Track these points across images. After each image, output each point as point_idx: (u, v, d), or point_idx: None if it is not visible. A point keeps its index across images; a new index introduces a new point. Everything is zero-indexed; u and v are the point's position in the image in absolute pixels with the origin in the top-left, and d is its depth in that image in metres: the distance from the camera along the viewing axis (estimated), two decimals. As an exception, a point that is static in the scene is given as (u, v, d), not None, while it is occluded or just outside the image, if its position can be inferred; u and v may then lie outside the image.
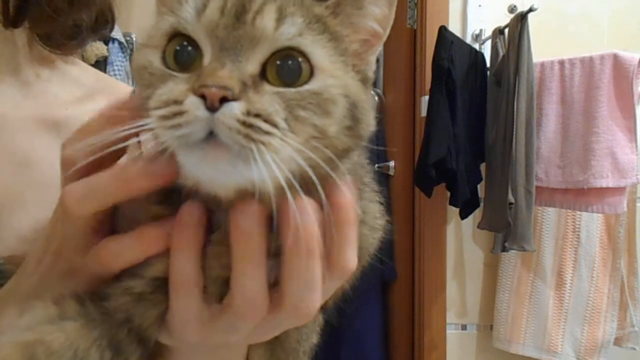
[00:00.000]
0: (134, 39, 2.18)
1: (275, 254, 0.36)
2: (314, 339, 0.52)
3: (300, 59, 0.36)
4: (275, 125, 0.33)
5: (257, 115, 0.32)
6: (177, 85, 0.34)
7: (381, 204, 0.47)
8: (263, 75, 0.35)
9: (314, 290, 0.36)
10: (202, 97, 0.32)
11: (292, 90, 0.35)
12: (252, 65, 0.35)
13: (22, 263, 0.45)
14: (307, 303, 0.36)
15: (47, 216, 0.43)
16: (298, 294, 0.36)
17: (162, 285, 0.38)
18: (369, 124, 0.39)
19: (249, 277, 0.36)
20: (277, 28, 0.35)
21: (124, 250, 0.38)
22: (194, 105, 0.32)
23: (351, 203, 0.36)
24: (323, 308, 0.48)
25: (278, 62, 0.35)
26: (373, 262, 0.47)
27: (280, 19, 0.35)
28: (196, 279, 0.37)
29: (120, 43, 2.13)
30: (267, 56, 0.35)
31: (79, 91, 0.67)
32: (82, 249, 0.39)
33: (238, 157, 0.32)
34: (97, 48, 2.05)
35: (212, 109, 0.32)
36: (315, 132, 0.34)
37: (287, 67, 0.35)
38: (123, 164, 0.37)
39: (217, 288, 0.38)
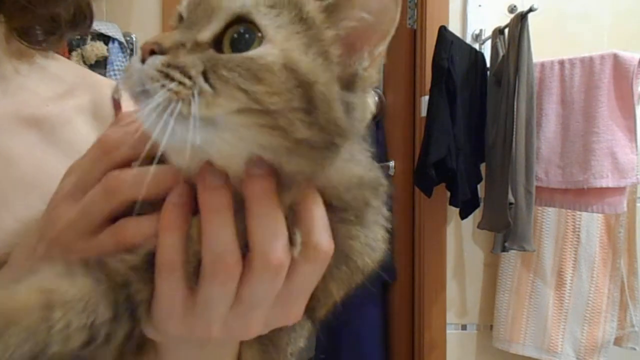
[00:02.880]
0: (134, 39, 2.18)
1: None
2: (301, 343, 0.53)
3: (255, 32, 0.36)
4: (188, 76, 0.35)
5: (176, 68, 0.35)
6: None
7: (387, 231, 0.46)
8: (219, 45, 0.37)
9: (278, 235, 0.38)
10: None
11: (226, 55, 0.36)
12: (203, 34, 0.37)
13: (7, 260, 0.44)
14: (275, 251, 0.37)
15: (29, 215, 0.43)
16: (264, 240, 0.37)
17: (153, 263, 0.39)
18: (336, 117, 0.36)
19: (215, 229, 0.37)
20: None
21: (142, 227, 0.40)
22: (135, 60, 0.37)
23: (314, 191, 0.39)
24: (311, 315, 0.48)
25: (235, 35, 0.37)
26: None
27: None
28: (181, 260, 0.38)
29: (120, 43, 2.12)
30: (222, 26, 0.37)
31: (60, 87, 0.66)
32: (91, 232, 0.40)
33: (159, 106, 0.34)
34: (97, 48, 2.05)
35: (143, 61, 0.36)
36: (247, 99, 0.34)
37: (239, 37, 0.37)
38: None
39: (195, 270, 0.39)
